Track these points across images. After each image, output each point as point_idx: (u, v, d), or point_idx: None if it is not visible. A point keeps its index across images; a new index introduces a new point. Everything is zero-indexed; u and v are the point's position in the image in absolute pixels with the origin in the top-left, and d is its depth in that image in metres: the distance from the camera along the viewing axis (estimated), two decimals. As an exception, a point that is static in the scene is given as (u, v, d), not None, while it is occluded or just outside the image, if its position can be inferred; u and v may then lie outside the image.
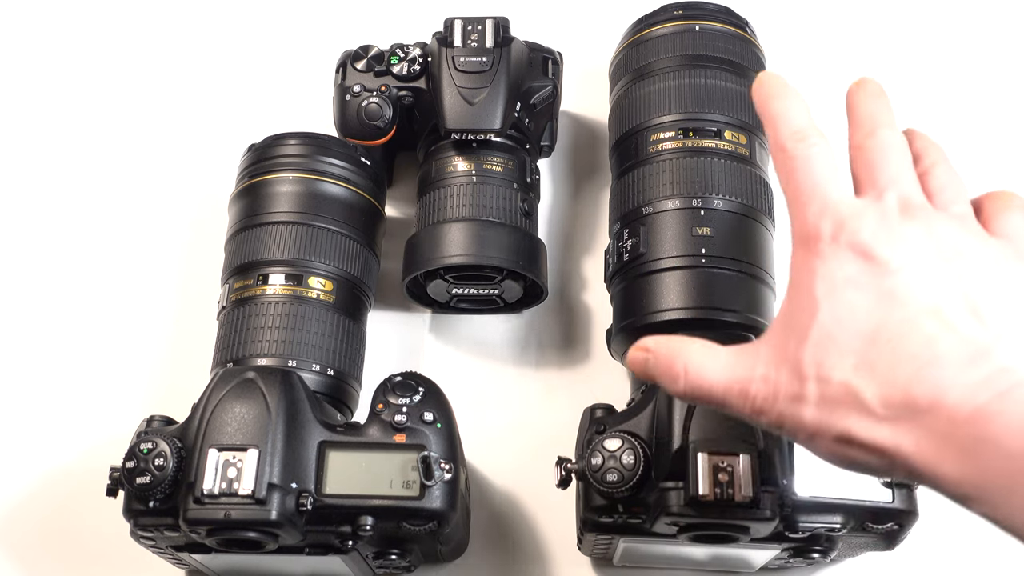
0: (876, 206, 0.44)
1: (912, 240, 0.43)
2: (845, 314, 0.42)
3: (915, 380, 0.40)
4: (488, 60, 0.76)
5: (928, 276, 0.42)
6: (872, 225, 0.43)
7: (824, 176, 0.46)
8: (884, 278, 0.42)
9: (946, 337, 0.40)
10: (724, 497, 0.57)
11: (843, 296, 0.42)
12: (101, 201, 0.87)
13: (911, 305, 0.41)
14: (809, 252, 0.44)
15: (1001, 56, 0.93)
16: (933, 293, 0.41)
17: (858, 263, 0.42)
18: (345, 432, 0.63)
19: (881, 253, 0.42)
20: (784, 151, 0.47)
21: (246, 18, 0.97)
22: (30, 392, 0.79)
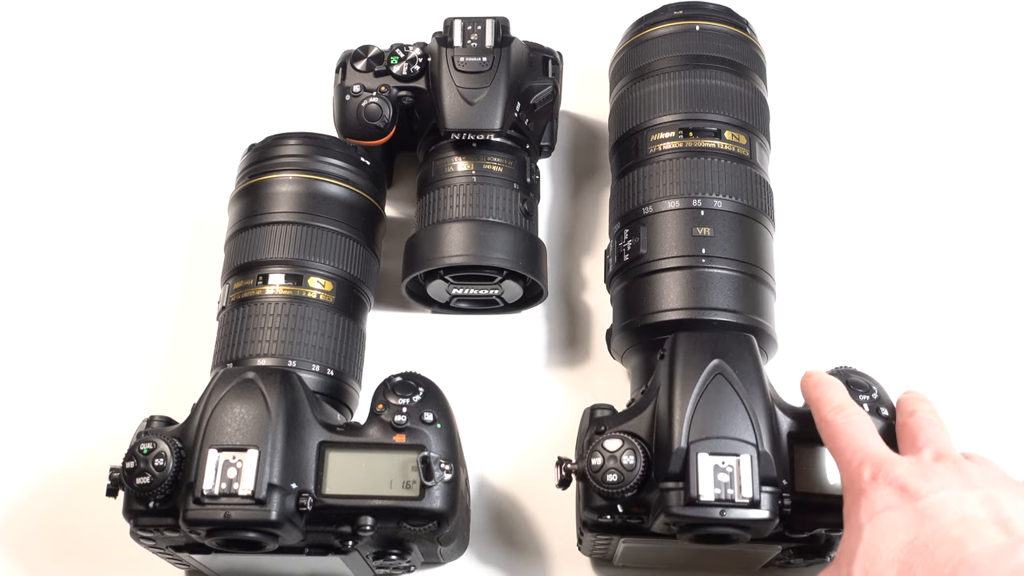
0: (912, 456, 0.55)
1: (941, 476, 0.52)
2: (886, 531, 0.50)
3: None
4: (488, 60, 0.76)
5: (955, 498, 0.50)
6: (907, 467, 0.53)
7: (862, 435, 0.56)
8: (917, 501, 0.50)
9: (974, 541, 0.48)
10: (724, 498, 0.57)
11: (883, 518, 0.50)
12: (101, 202, 0.87)
13: (941, 518, 0.49)
14: (854, 494, 0.53)
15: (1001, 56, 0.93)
16: (960, 509, 0.50)
17: (895, 494, 0.51)
18: (345, 432, 0.63)
19: (914, 485, 0.51)
20: (828, 422, 0.57)
21: (246, 18, 0.97)
22: (30, 392, 0.79)
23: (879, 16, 0.96)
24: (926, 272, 0.82)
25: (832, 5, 0.96)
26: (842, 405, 0.58)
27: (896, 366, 0.74)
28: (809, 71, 0.92)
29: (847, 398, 0.59)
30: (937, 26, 0.95)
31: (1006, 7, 0.96)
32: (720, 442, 0.58)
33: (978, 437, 0.75)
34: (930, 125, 0.90)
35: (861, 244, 0.83)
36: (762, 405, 0.60)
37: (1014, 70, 0.92)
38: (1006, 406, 0.76)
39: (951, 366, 0.78)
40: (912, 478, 0.52)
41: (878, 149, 0.88)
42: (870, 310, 0.80)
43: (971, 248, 0.83)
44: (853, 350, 0.76)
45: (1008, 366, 0.78)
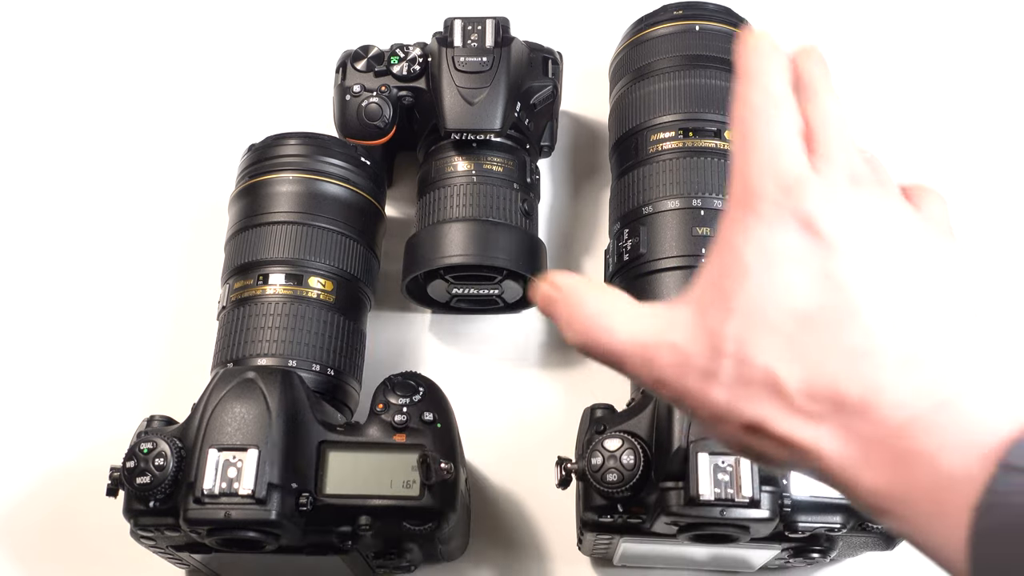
0: (825, 174, 0.39)
1: (860, 217, 0.38)
2: (779, 290, 0.36)
3: (848, 375, 0.35)
4: (488, 60, 0.76)
5: (873, 261, 0.37)
6: (820, 194, 0.38)
7: (782, 138, 0.39)
8: (827, 257, 0.36)
9: (886, 332, 0.35)
10: (724, 497, 0.57)
11: (779, 269, 0.36)
12: (101, 202, 0.87)
13: (852, 291, 0.36)
14: (747, 210, 0.38)
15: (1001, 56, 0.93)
16: (877, 281, 0.36)
17: (800, 234, 0.37)
18: (345, 432, 0.63)
19: (827, 227, 0.37)
20: (748, 104, 0.40)
21: (246, 18, 0.97)
22: (30, 392, 0.79)
23: (879, 16, 0.96)
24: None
25: (832, 5, 0.96)
26: (778, 94, 0.41)
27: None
28: (809, 71, 0.92)
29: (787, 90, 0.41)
30: (937, 26, 0.95)
31: (1006, 7, 0.96)
32: (720, 442, 0.58)
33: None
34: (930, 125, 0.90)
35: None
36: (762, 405, 0.60)
37: (1014, 70, 0.92)
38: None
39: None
40: (826, 215, 0.37)
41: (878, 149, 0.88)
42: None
43: (971, 247, 0.83)
44: (853, 350, 0.76)
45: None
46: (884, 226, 0.38)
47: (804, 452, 0.36)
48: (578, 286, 0.43)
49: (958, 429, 0.34)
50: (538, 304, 0.44)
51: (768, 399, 0.36)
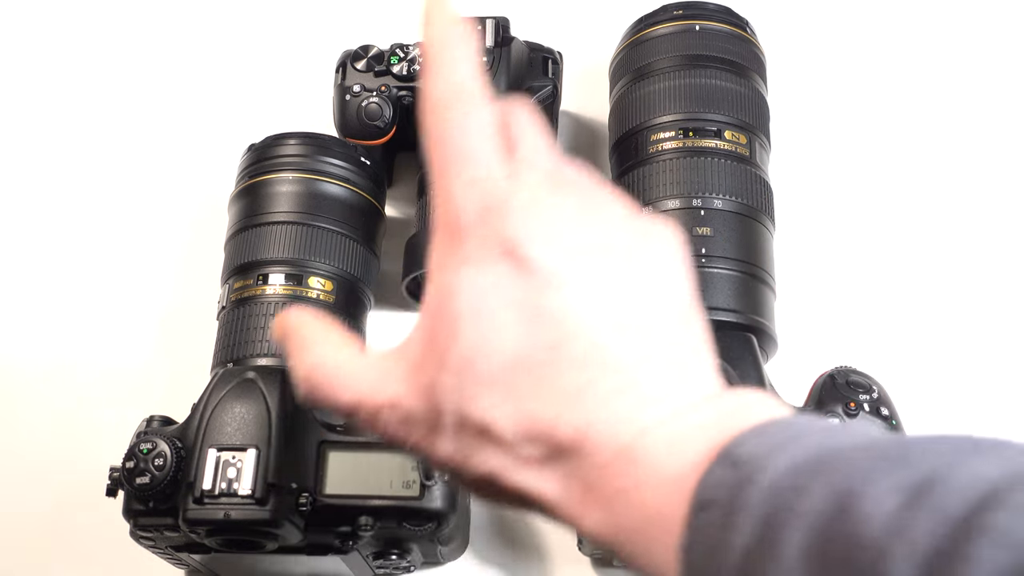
0: (526, 181, 0.36)
1: (564, 233, 0.35)
2: (491, 337, 0.34)
3: (563, 416, 0.33)
4: (488, 60, 0.76)
5: (582, 283, 0.34)
6: (522, 213, 0.35)
7: (477, 143, 0.36)
8: (538, 291, 0.34)
9: (598, 365, 0.33)
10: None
11: (489, 315, 0.34)
12: (101, 201, 0.87)
13: (564, 325, 0.34)
14: (453, 240, 0.35)
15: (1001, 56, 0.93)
16: (586, 307, 0.34)
17: (507, 266, 0.34)
18: (345, 432, 0.63)
19: (533, 254, 0.34)
20: (436, 102, 0.37)
21: (246, 18, 0.97)
22: (30, 392, 0.79)
23: (879, 16, 0.96)
24: (926, 272, 0.82)
25: (832, 5, 0.96)
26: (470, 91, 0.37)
27: (896, 366, 0.74)
28: (809, 71, 0.92)
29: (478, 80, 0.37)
30: (937, 26, 0.95)
31: (1006, 7, 0.96)
32: (720, 442, 0.58)
33: (978, 437, 0.75)
34: (930, 125, 0.89)
35: (861, 244, 0.83)
36: (762, 405, 0.60)
37: (1014, 70, 0.92)
38: (1006, 406, 0.76)
39: (951, 366, 0.78)
40: (530, 238, 0.34)
41: (878, 149, 0.88)
42: (870, 310, 0.80)
43: (971, 248, 0.83)
44: (853, 350, 0.76)
45: (1008, 366, 0.78)
46: (583, 234, 0.35)
47: (533, 499, 0.34)
48: (303, 329, 0.40)
49: (653, 462, 0.32)
50: (274, 337, 0.42)
51: (492, 451, 0.34)
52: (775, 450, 0.31)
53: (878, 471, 0.28)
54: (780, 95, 0.84)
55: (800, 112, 0.88)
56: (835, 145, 0.88)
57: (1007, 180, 0.87)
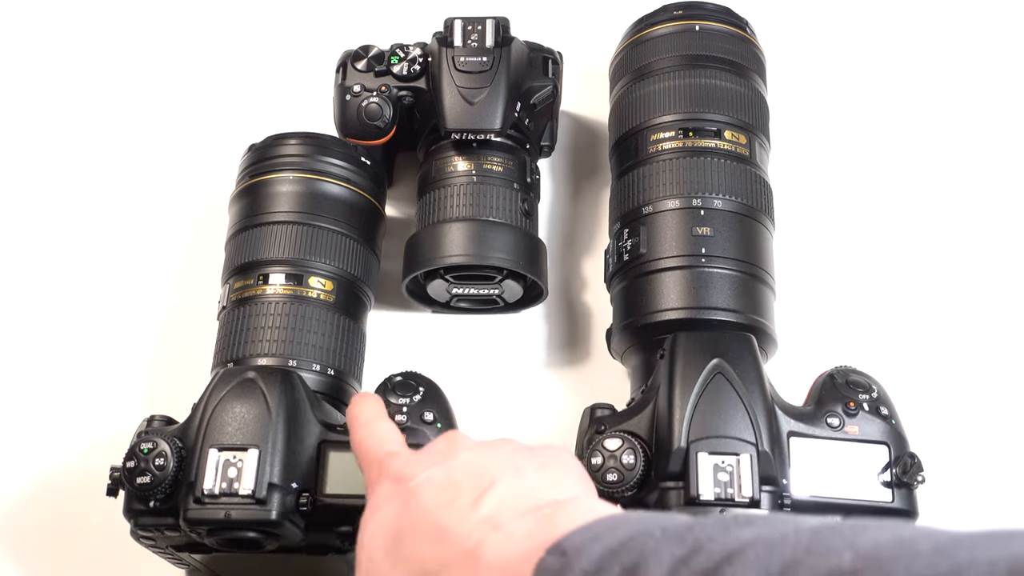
0: (394, 454, 0.53)
1: (436, 453, 0.52)
2: (382, 523, 0.49)
3: (426, 562, 0.46)
4: (488, 60, 0.76)
5: (443, 470, 0.50)
6: (405, 456, 0.53)
7: (380, 439, 0.55)
8: (408, 483, 0.50)
9: (449, 504, 0.47)
10: (724, 497, 0.57)
11: (380, 513, 0.50)
12: (101, 201, 0.87)
13: (425, 493, 0.49)
14: (368, 499, 0.53)
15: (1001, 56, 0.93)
16: (446, 478, 0.49)
17: (392, 485, 0.51)
18: (345, 432, 0.63)
19: (407, 470, 0.51)
20: (353, 441, 0.57)
21: (246, 18, 0.97)
22: (30, 392, 0.79)
23: (879, 16, 0.96)
24: (926, 272, 0.82)
25: (832, 5, 0.96)
26: (367, 420, 0.57)
27: (896, 366, 0.74)
28: (809, 71, 0.92)
29: (372, 413, 0.58)
30: (937, 26, 0.95)
31: (1006, 7, 0.96)
32: (720, 441, 0.58)
33: (978, 436, 0.75)
34: (930, 125, 0.90)
35: (861, 244, 0.83)
36: (762, 405, 0.60)
37: (1014, 70, 0.92)
38: (1006, 405, 0.76)
39: (951, 366, 0.78)
40: (407, 464, 0.51)
41: (878, 149, 0.88)
42: (870, 310, 0.80)
43: (971, 248, 0.83)
44: (853, 350, 0.76)
45: (1008, 365, 0.78)
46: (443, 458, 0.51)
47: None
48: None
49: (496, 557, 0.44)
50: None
51: None
52: (593, 540, 0.41)
53: (662, 548, 0.38)
54: (780, 95, 0.84)
55: (800, 112, 0.88)
56: (835, 145, 0.88)
57: (1007, 180, 0.87)
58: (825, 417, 0.62)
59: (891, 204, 0.85)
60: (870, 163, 0.87)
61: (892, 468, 0.61)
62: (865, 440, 0.62)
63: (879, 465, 0.61)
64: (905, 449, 0.62)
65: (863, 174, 0.87)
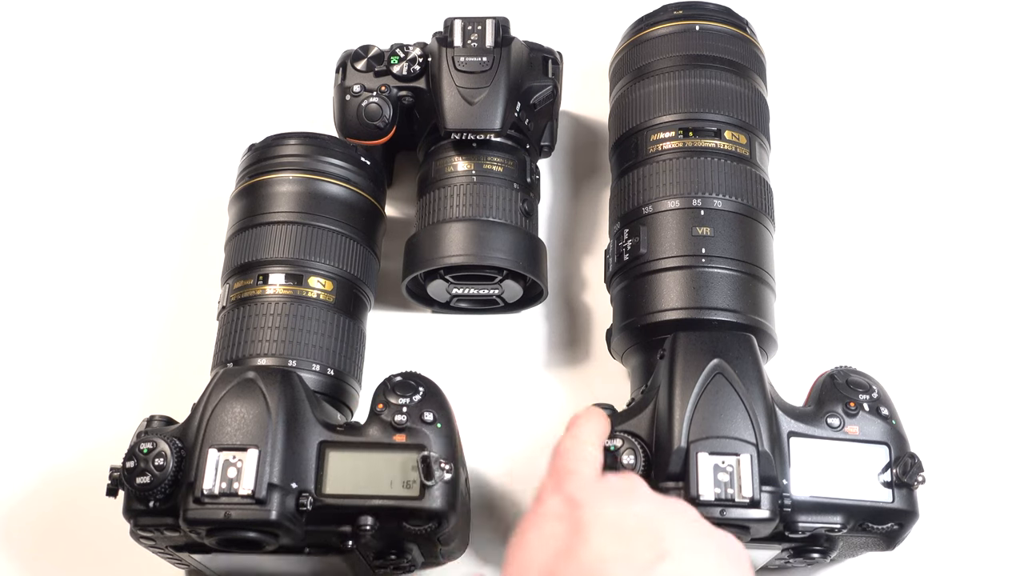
0: (580, 475, 0.56)
1: (613, 489, 0.53)
2: (546, 539, 0.51)
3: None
4: (488, 60, 0.76)
5: (616, 511, 0.51)
6: (584, 481, 0.55)
7: (574, 454, 0.57)
8: (580, 511, 0.51)
9: (617, 553, 0.48)
10: (724, 497, 0.57)
11: (546, 526, 0.52)
12: (101, 202, 0.87)
13: (594, 528, 0.50)
14: (534, 502, 0.55)
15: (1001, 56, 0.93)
16: (618, 521, 0.50)
17: (563, 504, 0.52)
18: (345, 432, 0.63)
19: (581, 496, 0.52)
20: (558, 444, 0.59)
21: (246, 18, 0.97)
22: (30, 392, 0.79)
23: (879, 16, 0.96)
24: (926, 271, 0.82)
25: (832, 5, 0.96)
26: (581, 437, 0.59)
27: (896, 366, 0.74)
28: (809, 71, 0.92)
29: (590, 433, 0.60)
30: (937, 26, 0.95)
31: (1006, 7, 0.96)
32: (720, 442, 0.58)
33: (978, 436, 0.75)
34: (930, 125, 0.90)
35: (861, 244, 0.83)
36: (762, 405, 0.60)
37: (1014, 70, 0.92)
38: (1006, 405, 0.76)
39: (951, 366, 0.78)
40: (583, 491, 0.53)
41: (878, 149, 0.88)
42: (870, 310, 0.80)
43: (971, 247, 0.83)
44: (853, 350, 0.76)
45: (1008, 365, 0.78)
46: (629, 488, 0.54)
47: None
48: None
49: None
50: None
51: None
52: None
53: None
54: (780, 95, 0.84)
55: (800, 112, 0.88)
56: (835, 145, 0.88)
57: (1007, 180, 0.87)
58: (825, 417, 0.62)
59: (891, 204, 0.85)
60: (870, 163, 0.87)
61: (892, 468, 0.61)
62: (865, 440, 0.61)
63: (879, 465, 0.61)
64: (905, 449, 0.62)
65: (863, 174, 0.87)
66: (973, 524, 0.72)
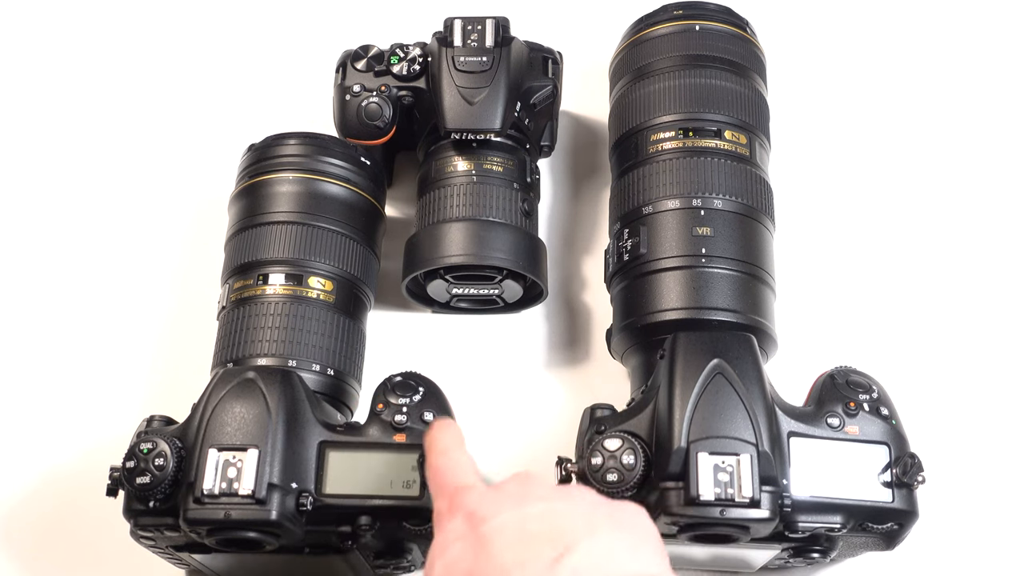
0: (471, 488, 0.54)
1: (510, 495, 0.51)
2: (453, 566, 0.49)
3: None
4: (488, 60, 0.76)
5: (516, 518, 0.49)
6: (480, 492, 0.53)
7: (455, 470, 0.56)
8: (481, 527, 0.49)
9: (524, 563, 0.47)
10: (724, 497, 0.57)
11: (450, 551, 0.50)
12: (101, 202, 0.87)
13: (498, 542, 0.48)
14: (436, 529, 0.53)
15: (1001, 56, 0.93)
16: (520, 528, 0.49)
17: (464, 523, 0.50)
18: (345, 432, 0.63)
19: (481, 510, 0.50)
20: (429, 465, 0.57)
21: (246, 18, 0.97)
22: (30, 392, 0.79)
23: (879, 16, 0.96)
24: (926, 271, 0.82)
25: (832, 5, 0.96)
26: (446, 448, 0.57)
27: (896, 366, 0.74)
28: (809, 71, 0.92)
29: (452, 441, 0.58)
30: (937, 26, 0.95)
31: (1006, 7, 0.96)
32: (720, 441, 0.58)
33: (977, 436, 0.75)
34: (930, 125, 0.90)
35: (861, 244, 0.83)
36: (762, 405, 0.60)
37: (1014, 70, 0.92)
38: (1006, 405, 0.76)
39: (951, 366, 0.78)
40: (481, 502, 0.51)
41: (878, 149, 0.88)
42: (870, 310, 0.80)
43: (971, 247, 0.83)
44: (853, 350, 0.76)
45: (1008, 365, 0.78)
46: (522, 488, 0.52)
47: None
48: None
49: None
50: None
51: None
52: None
53: None
54: (780, 95, 0.84)
55: (800, 112, 0.88)
56: (835, 145, 0.88)
57: (1006, 180, 0.87)
58: (825, 417, 0.62)
59: (891, 204, 0.85)
60: (870, 163, 0.87)
61: (892, 468, 0.61)
62: (865, 440, 0.61)
63: (879, 465, 0.61)
64: (905, 449, 0.62)
65: (863, 174, 0.87)
66: (973, 524, 0.72)
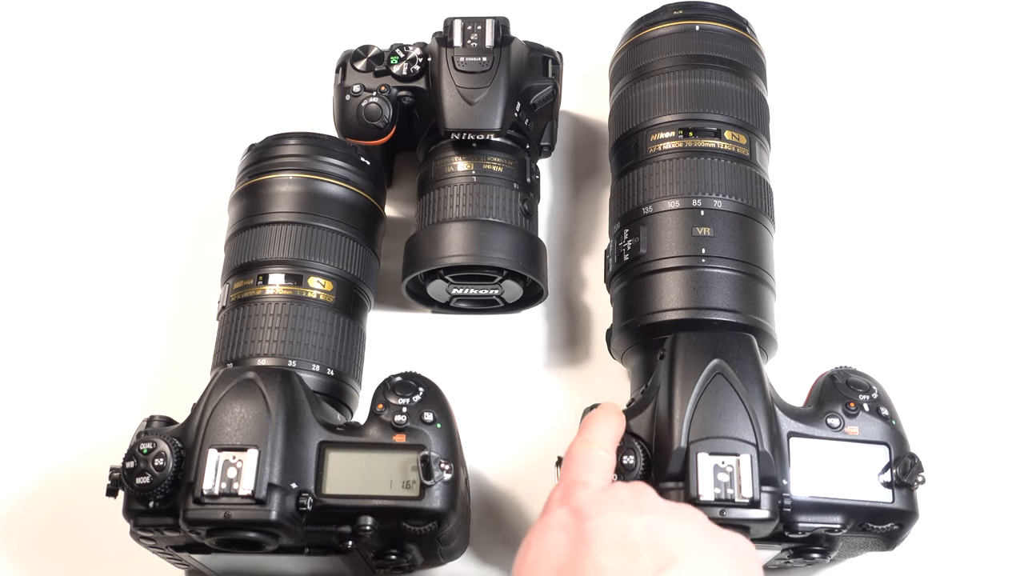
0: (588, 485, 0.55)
1: (618, 500, 0.53)
2: (549, 550, 0.51)
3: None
4: (488, 60, 0.76)
5: (620, 522, 0.51)
6: (590, 492, 0.55)
7: (583, 464, 0.57)
8: (584, 523, 0.51)
9: (619, 567, 0.48)
10: (724, 497, 0.57)
11: (550, 536, 0.52)
12: (101, 202, 0.87)
13: (597, 542, 0.50)
14: (543, 511, 0.55)
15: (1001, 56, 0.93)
16: (621, 533, 0.50)
17: (569, 515, 0.53)
18: (345, 432, 0.63)
19: (587, 508, 0.52)
20: (570, 447, 0.59)
21: (246, 18, 0.97)
22: (30, 392, 0.79)
23: (879, 16, 0.96)
24: (926, 271, 0.82)
25: (832, 5, 0.96)
26: (592, 440, 0.58)
27: (896, 366, 0.74)
28: (809, 71, 0.92)
29: (603, 436, 0.59)
30: (937, 26, 0.95)
31: (1006, 7, 0.96)
32: (720, 442, 0.58)
33: (977, 436, 0.75)
34: (930, 125, 0.90)
35: (861, 244, 0.83)
36: (762, 405, 0.60)
37: (1014, 70, 0.92)
38: (1006, 405, 0.76)
39: (951, 366, 0.78)
40: (590, 500, 0.53)
41: (878, 149, 0.88)
42: (870, 310, 0.80)
43: (971, 247, 0.83)
44: (853, 350, 0.76)
45: (1008, 365, 0.78)
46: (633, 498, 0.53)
47: None
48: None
49: None
50: None
51: None
52: None
53: None
54: (780, 95, 0.84)
55: (800, 112, 0.88)
56: (835, 145, 0.88)
57: (1006, 180, 0.87)
58: (825, 417, 0.62)
59: (891, 204, 0.85)
60: (870, 163, 0.87)
61: (892, 468, 0.61)
62: (865, 440, 0.61)
63: (879, 465, 0.61)
64: (905, 449, 0.62)
65: (863, 174, 0.87)
66: (973, 524, 0.72)
